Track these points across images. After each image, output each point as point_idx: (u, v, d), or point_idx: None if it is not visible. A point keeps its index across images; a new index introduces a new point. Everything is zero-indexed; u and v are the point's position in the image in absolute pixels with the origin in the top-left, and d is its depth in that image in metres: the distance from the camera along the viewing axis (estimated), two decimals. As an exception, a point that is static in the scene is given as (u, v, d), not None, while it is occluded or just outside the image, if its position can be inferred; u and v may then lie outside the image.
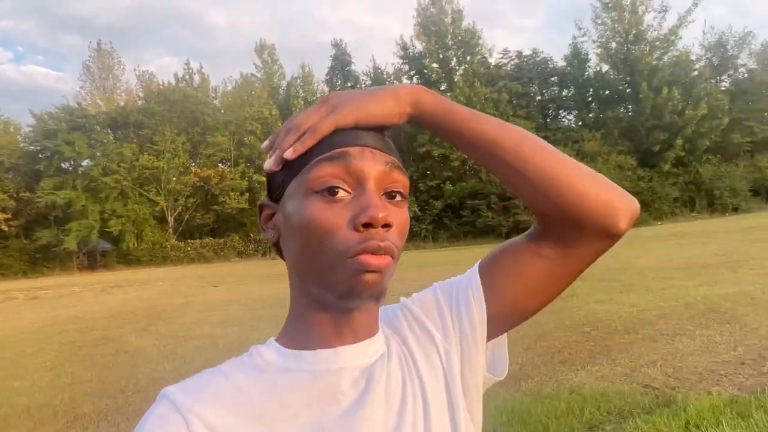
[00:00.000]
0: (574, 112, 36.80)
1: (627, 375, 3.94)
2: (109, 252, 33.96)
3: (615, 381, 3.83)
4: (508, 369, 0.65)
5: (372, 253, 0.49)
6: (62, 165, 33.52)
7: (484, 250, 0.82)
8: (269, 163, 0.55)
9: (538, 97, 37.22)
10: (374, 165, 0.52)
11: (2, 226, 32.81)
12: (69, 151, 31.72)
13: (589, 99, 35.37)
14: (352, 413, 0.52)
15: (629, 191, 0.59)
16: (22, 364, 6.32)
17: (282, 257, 0.59)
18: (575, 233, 0.58)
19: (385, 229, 0.50)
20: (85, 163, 34.46)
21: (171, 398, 0.50)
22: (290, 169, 0.54)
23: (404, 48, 35.21)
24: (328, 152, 0.51)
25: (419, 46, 34.43)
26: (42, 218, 33.50)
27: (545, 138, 0.60)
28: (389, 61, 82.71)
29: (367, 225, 0.49)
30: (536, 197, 0.58)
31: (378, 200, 0.51)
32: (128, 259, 32.86)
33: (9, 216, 33.15)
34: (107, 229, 32.46)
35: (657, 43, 31.83)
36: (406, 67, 35.74)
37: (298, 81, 42.41)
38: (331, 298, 0.52)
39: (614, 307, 6.33)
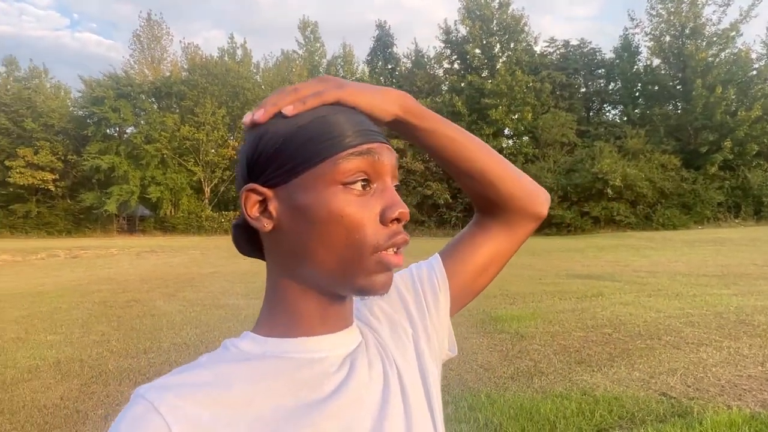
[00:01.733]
0: (620, 107, 35.38)
1: (644, 381, 3.84)
2: (148, 218, 35.20)
3: (631, 386, 3.74)
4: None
5: (397, 248, 0.53)
6: (108, 131, 34.73)
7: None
8: (257, 115, 0.53)
9: (583, 89, 36.03)
10: (390, 160, 0.54)
11: (50, 187, 34.46)
12: (114, 117, 32.83)
13: (636, 94, 33.84)
14: (338, 397, 0.52)
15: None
16: (57, 319, 6.66)
17: (256, 250, 0.57)
18: (513, 216, 0.70)
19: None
20: (129, 130, 35.69)
21: (148, 397, 0.46)
22: (293, 157, 0.51)
23: (447, 32, 34.47)
24: (356, 147, 0.51)
25: (463, 31, 33.67)
26: (87, 181, 34.97)
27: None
28: (431, 44, 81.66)
29: (395, 220, 0.52)
30: (480, 187, 0.68)
31: (398, 196, 0.54)
32: (165, 226, 33.98)
33: (57, 177, 34.77)
34: (147, 196, 33.63)
35: (715, 38, 30.15)
36: (448, 52, 35.11)
37: (339, 60, 42.35)
38: (345, 290, 0.54)
39: (640, 311, 6.16)
